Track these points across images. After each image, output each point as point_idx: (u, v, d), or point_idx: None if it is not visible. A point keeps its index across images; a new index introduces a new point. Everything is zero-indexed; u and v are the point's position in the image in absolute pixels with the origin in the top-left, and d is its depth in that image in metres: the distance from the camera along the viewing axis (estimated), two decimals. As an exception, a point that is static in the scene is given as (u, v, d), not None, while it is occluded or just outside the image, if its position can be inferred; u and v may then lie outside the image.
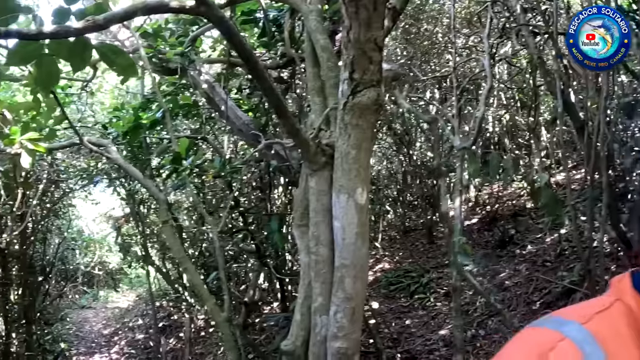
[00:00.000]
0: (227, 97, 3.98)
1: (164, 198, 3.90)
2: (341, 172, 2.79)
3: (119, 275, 17.69)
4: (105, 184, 11.02)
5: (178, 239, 4.42)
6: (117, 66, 2.63)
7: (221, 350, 8.19)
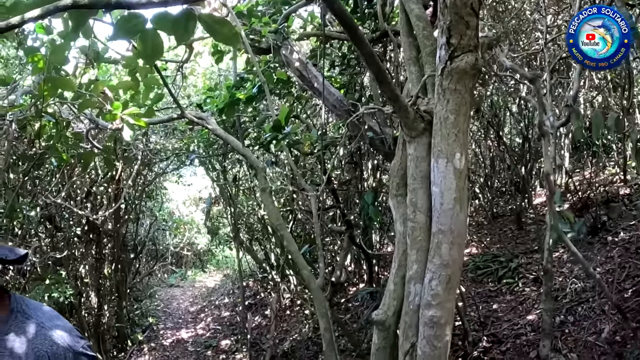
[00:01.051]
0: (323, 73, 4.00)
1: (263, 166, 3.98)
2: (440, 137, 2.79)
3: (206, 257, 18.19)
4: (195, 167, 11.37)
5: (276, 206, 4.47)
6: (220, 36, 2.69)
7: (306, 327, 8.34)
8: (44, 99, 3.47)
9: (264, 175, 3.86)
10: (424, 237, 2.97)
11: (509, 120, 11.04)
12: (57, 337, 1.63)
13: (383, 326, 3.31)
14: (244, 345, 8.66)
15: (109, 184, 8.03)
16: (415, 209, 3.00)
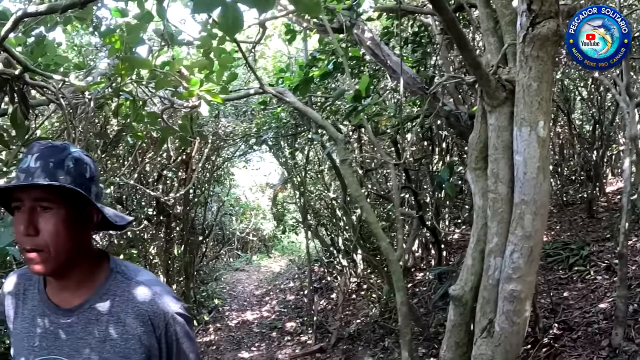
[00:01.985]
0: (401, 45, 3.96)
1: (343, 137, 3.97)
2: (523, 105, 2.73)
3: (271, 242, 18.40)
4: (262, 152, 11.45)
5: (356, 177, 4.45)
6: (302, 5, 2.70)
7: (372, 311, 8.34)
8: (121, 78, 3.55)
9: (344, 146, 3.85)
10: (506, 208, 2.91)
11: (579, 105, 10.72)
12: (156, 297, 1.63)
13: (460, 302, 3.26)
14: (309, 328, 8.72)
15: (178, 168, 8.19)
16: (496, 180, 2.94)
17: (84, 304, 1.61)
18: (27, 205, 1.50)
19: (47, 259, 1.51)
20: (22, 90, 3.27)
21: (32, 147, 1.56)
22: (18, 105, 3.19)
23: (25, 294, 1.71)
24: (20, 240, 1.51)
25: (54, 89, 3.19)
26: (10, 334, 1.72)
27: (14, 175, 1.77)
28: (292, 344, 8.45)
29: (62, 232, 1.52)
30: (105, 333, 1.58)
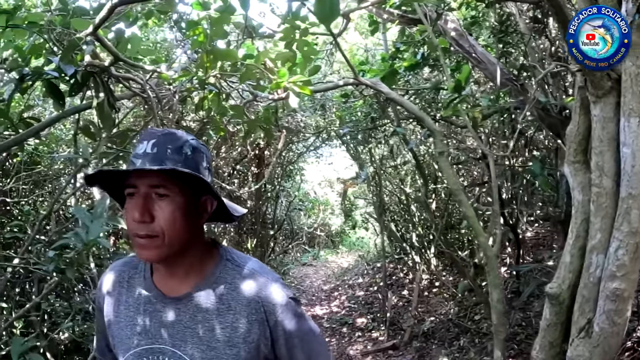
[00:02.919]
0: (497, 40, 3.84)
1: (440, 129, 3.90)
2: (630, 95, 2.58)
3: (338, 238, 18.41)
4: (332, 147, 11.44)
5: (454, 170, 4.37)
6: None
7: (446, 309, 8.20)
8: (206, 71, 3.56)
9: (441, 139, 3.77)
10: (610, 203, 2.77)
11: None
12: (268, 285, 1.61)
13: (557, 300, 3.12)
14: (381, 324, 8.64)
15: (251, 163, 8.26)
16: (601, 174, 2.79)
17: (193, 292, 1.60)
18: (142, 191, 1.50)
19: (160, 246, 1.51)
20: (107, 82, 3.32)
21: (148, 134, 1.55)
22: (105, 97, 3.23)
23: (130, 282, 1.71)
24: (132, 226, 1.51)
25: (141, 81, 3.22)
26: (110, 323, 1.72)
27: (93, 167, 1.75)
28: (363, 340, 8.38)
29: (177, 219, 1.51)
30: (215, 321, 1.57)
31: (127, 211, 1.52)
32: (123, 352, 1.64)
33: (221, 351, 1.55)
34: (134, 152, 1.53)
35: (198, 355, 1.56)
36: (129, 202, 1.53)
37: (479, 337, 6.96)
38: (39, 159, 6.46)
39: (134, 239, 1.53)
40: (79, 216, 2.57)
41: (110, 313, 1.71)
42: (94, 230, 2.46)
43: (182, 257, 1.58)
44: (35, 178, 6.55)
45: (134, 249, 1.55)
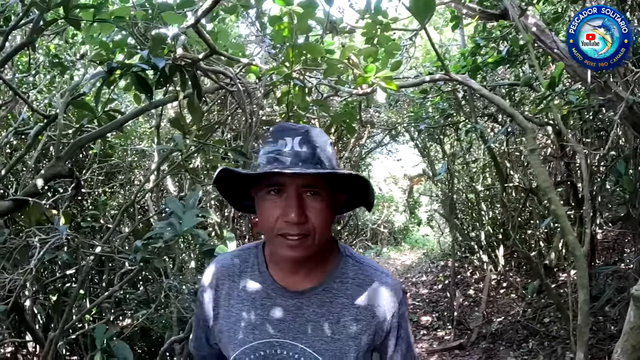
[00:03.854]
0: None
1: (532, 127, 3.81)
2: None
3: (401, 235, 18.32)
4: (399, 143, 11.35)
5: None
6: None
7: (514, 311, 8.04)
8: (291, 65, 3.55)
9: (533, 136, 3.69)
10: None
11: None
12: (388, 280, 1.64)
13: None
14: (447, 323, 8.53)
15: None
16: None
17: (317, 287, 1.61)
18: (291, 190, 1.48)
19: (310, 245, 1.50)
20: (196, 75, 3.36)
21: (286, 130, 1.52)
22: (194, 90, 3.27)
23: (242, 276, 1.71)
24: (280, 226, 1.49)
25: (231, 74, 3.24)
26: (217, 317, 1.71)
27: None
28: (428, 339, 8.30)
29: (327, 217, 1.51)
30: (338, 315, 1.59)
31: (269, 208, 1.50)
32: (236, 346, 1.64)
33: (344, 343, 1.57)
34: (278, 149, 1.49)
35: (321, 347, 1.57)
36: (271, 201, 1.50)
37: (549, 341, 6.81)
38: (111, 150, 6.61)
39: (276, 237, 1.51)
40: (171, 207, 2.61)
41: (219, 307, 1.71)
42: (187, 221, 2.48)
43: (316, 254, 1.57)
44: (108, 170, 6.72)
45: (277, 248, 1.54)
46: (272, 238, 1.53)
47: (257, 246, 1.75)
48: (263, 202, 1.52)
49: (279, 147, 1.48)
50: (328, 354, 1.57)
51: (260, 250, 1.73)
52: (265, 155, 1.51)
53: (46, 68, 5.80)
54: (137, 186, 6.79)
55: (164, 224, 2.64)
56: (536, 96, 4.12)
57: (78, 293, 3.97)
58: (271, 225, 1.50)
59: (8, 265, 3.53)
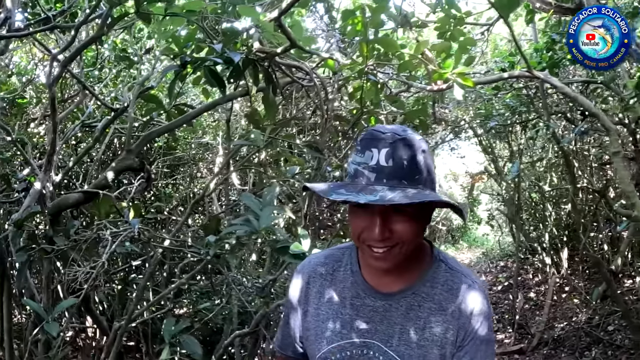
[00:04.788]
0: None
1: (615, 128, 3.67)
2: None
3: (459, 233, 18.14)
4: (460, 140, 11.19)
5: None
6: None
7: (577, 317, 7.80)
8: (365, 60, 3.49)
9: (616, 138, 3.55)
10: None
11: None
12: (477, 287, 1.58)
13: None
14: (508, 326, 8.34)
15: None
16: None
17: (407, 290, 1.58)
18: (374, 207, 1.42)
19: (397, 255, 1.47)
20: (268, 70, 3.32)
21: (374, 138, 1.45)
22: (268, 85, 3.24)
23: (334, 275, 1.70)
24: (366, 238, 1.46)
25: (307, 68, 3.19)
26: (307, 315, 1.71)
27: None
28: (487, 341, 8.12)
29: (414, 229, 1.47)
30: (426, 320, 1.55)
31: (355, 219, 1.48)
32: (322, 345, 1.64)
33: (429, 350, 1.54)
34: (361, 161, 1.44)
35: (406, 352, 1.55)
36: (356, 213, 1.48)
37: (612, 350, 6.59)
38: (175, 144, 6.68)
39: (362, 244, 1.50)
40: (247, 203, 2.57)
41: (309, 305, 1.71)
42: (265, 218, 2.44)
43: (407, 259, 1.53)
44: (171, 163, 6.79)
45: (365, 256, 1.56)
46: (360, 246, 1.53)
47: (352, 246, 1.73)
48: (351, 212, 1.51)
49: (365, 160, 1.43)
50: (411, 359, 1.54)
51: (354, 250, 1.71)
52: (352, 165, 1.48)
53: (111, 63, 5.88)
54: (203, 179, 6.85)
55: (240, 221, 2.61)
56: (622, 96, 3.95)
57: (145, 284, 3.99)
58: (357, 235, 1.49)
59: (78, 257, 3.56)
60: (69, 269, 3.48)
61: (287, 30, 2.88)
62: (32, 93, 6.68)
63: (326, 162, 3.59)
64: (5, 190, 5.18)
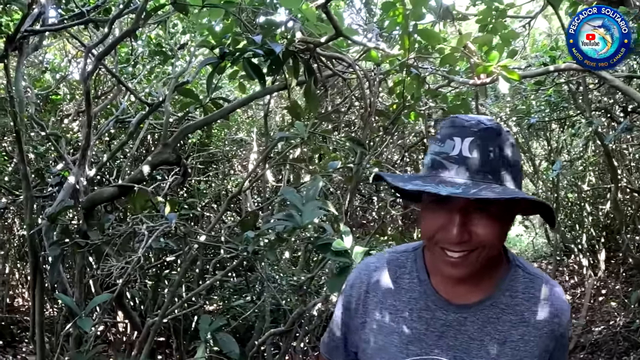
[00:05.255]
0: None
1: None
2: None
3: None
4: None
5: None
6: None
7: (616, 320, 7.63)
8: (406, 52, 3.40)
9: None
10: None
11: None
12: (559, 294, 1.45)
13: None
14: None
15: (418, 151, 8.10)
16: None
17: (485, 301, 1.42)
18: (455, 204, 1.27)
19: (474, 262, 1.31)
20: (309, 62, 3.25)
21: (456, 127, 1.31)
22: (310, 77, 3.17)
23: (398, 283, 1.52)
24: (439, 237, 1.31)
25: (349, 60, 3.12)
26: (365, 326, 1.54)
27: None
28: (522, 344, 7.99)
29: (496, 232, 1.29)
30: (506, 334, 1.39)
31: (431, 219, 1.32)
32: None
33: None
34: (440, 151, 1.30)
35: None
36: (432, 210, 1.32)
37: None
38: (208, 140, 6.66)
39: (434, 248, 1.34)
40: (289, 198, 2.49)
41: (367, 315, 1.54)
42: (308, 214, 2.36)
43: (483, 266, 1.38)
44: (205, 159, 6.77)
45: (436, 261, 1.37)
46: (431, 248, 1.37)
47: (416, 250, 1.56)
48: (425, 208, 1.35)
49: (446, 149, 1.29)
50: None
51: (419, 255, 1.53)
52: (430, 156, 1.33)
53: (145, 59, 5.87)
54: (236, 176, 6.83)
55: (282, 216, 2.53)
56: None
57: (180, 280, 3.96)
58: (430, 235, 1.33)
59: (112, 252, 3.54)
60: (102, 263, 3.45)
61: (333, 18, 2.79)
62: (65, 90, 6.72)
63: (368, 157, 3.50)
64: (39, 184, 5.22)
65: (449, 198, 1.25)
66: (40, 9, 3.69)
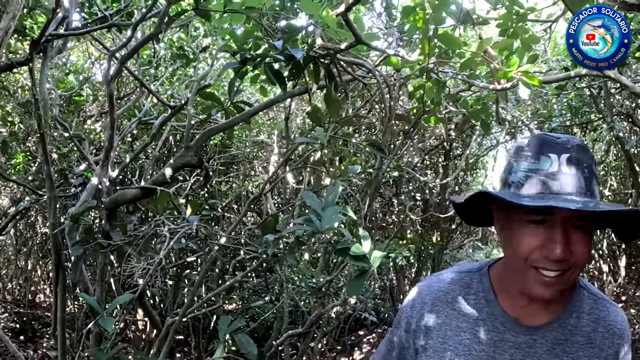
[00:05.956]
0: None
1: None
2: None
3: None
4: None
5: None
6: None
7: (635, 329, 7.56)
8: (426, 57, 3.41)
9: None
10: None
11: None
12: (620, 315, 1.46)
13: None
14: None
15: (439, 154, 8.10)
16: None
17: (553, 322, 1.42)
18: (558, 222, 1.27)
19: (566, 282, 1.32)
20: (329, 67, 3.27)
21: (549, 143, 1.31)
22: (330, 82, 3.19)
23: (461, 304, 1.50)
24: (536, 257, 1.29)
25: (370, 65, 3.14)
26: (427, 349, 1.51)
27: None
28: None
29: (589, 251, 1.31)
30: (574, 355, 1.41)
31: (528, 238, 1.30)
32: None
33: None
34: (538, 168, 1.30)
35: None
36: (530, 230, 1.31)
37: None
38: (229, 142, 6.71)
39: (528, 269, 1.32)
40: (309, 202, 2.51)
41: (430, 337, 1.51)
42: (327, 219, 2.37)
43: None
44: (226, 160, 6.82)
45: (527, 282, 1.34)
46: (523, 270, 1.33)
47: (481, 269, 1.54)
48: (519, 228, 1.32)
49: (542, 166, 1.29)
50: None
51: (485, 275, 1.52)
52: (525, 173, 1.32)
53: (167, 62, 5.94)
54: (257, 178, 6.87)
55: (301, 220, 2.56)
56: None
57: (201, 281, 4.00)
58: (525, 256, 1.31)
59: (134, 252, 3.59)
60: (125, 264, 3.50)
61: (352, 26, 2.81)
62: (88, 91, 6.81)
63: (388, 162, 3.52)
64: (63, 184, 5.30)
65: (552, 217, 1.27)
66: (64, 13, 3.75)
